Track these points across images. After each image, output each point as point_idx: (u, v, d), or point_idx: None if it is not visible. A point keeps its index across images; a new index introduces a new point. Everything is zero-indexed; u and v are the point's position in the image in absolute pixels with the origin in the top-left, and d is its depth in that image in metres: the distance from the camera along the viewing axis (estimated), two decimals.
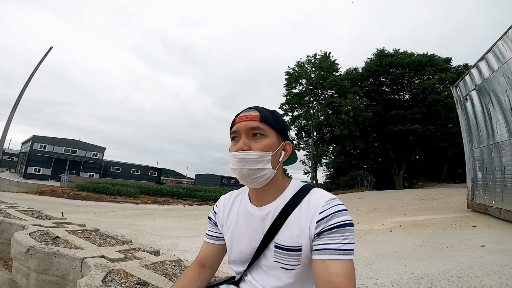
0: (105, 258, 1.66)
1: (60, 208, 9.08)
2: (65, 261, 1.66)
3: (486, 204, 5.66)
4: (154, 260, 1.71)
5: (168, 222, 6.93)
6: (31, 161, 35.95)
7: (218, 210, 0.99)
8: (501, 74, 4.95)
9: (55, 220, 2.91)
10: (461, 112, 6.95)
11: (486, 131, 5.66)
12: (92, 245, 1.97)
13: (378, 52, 29.09)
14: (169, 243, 4.07)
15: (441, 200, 9.78)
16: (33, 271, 1.70)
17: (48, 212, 3.36)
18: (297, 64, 29.85)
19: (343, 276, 0.68)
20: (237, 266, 0.94)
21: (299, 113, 30.50)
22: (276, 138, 0.84)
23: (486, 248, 3.30)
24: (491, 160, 5.48)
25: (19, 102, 16.24)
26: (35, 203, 9.66)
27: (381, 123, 27.34)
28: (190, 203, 15.69)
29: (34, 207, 3.57)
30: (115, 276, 1.36)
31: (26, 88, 16.51)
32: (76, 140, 41.41)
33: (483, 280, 2.28)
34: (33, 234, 2.10)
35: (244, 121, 0.83)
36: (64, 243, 1.99)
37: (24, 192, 16.95)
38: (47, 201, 11.82)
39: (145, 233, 4.87)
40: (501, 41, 4.96)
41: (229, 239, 0.93)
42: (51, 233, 2.21)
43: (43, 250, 1.70)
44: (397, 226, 5.24)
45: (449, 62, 27.84)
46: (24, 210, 3.30)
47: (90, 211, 8.95)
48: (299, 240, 0.78)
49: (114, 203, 13.67)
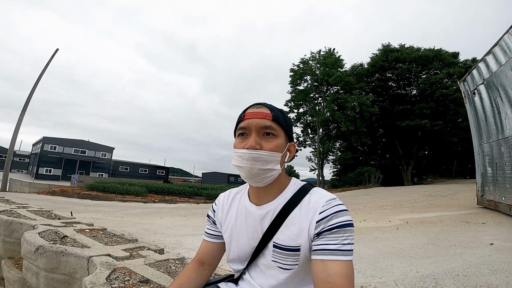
0: (111, 257, 1.70)
1: (70, 207, 9.27)
2: (73, 260, 1.71)
3: (496, 200, 5.54)
4: (158, 258, 1.74)
5: (175, 221, 7.01)
6: (42, 162, 36.81)
7: (217, 208, 0.99)
8: (508, 68, 4.83)
9: (64, 220, 2.98)
10: (470, 107, 6.82)
11: (495, 126, 5.54)
12: (99, 244, 2.02)
13: (383, 48, 28.62)
14: (174, 241, 4.11)
15: (450, 197, 9.61)
16: (42, 270, 1.75)
17: (58, 212, 3.44)
18: (301, 61, 29.64)
19: (342, 277, 0.68)
20: (236, 265, 0.94)
21: (304, 110, 30.32)
22: (284, 138, 0.85)
23: (495, 246, 3.24)
24: (500, 155, 5.37)
25: (28, 104, 16.60)
26: (46, 203, 9.88)
27: (388, 118, 26.96)
28: (197, 202, 15.82)
29: (45, 207, 3.66)
30: (119, 274, 1.39)
31: (34, 90, 16.86)
32: (85, 140, 42.24)
33: (489, 279, 2.24)
34: (43, 234, 2.16)
35: (256, 118, 0.82)
36: (72, 242, 2.05)
37: (36, 192, 17.34)
38: (58, 201, 12.08)
39: (151, 232, 4.94)
40: (507, 35, 4.85)
41: (228, 237, 0.94)
42: (60, 232, 2.27)
43: (51, 249, 1.76)
44: (404, 223, 5.18)
45: (457, 56, 27.24)
46: (34, 210, 3.38)
47: (100, 211, 9.12)
48: (298, 240, 0.79)
49: (123, 202, 13.89)
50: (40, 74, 17.07)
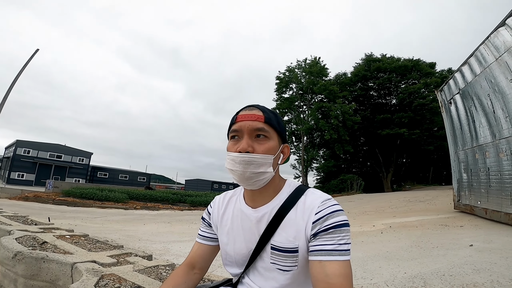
0: (97, 263, 1.62)
1: (45, 213, 8.78)
2: (55, 266, 1.61)
3: (472, 204, 5.81)
4: (148, 264, 1.68)
5: (159, 227, 6.80)
6: (14, 166, 34.77)
7: (213, 211, 0.97)
8: (483, 78, 5.12)
9: (42, 226, 2.82)
10: (446, 116, 7.16)
11: (470, 134, 5.84)
12: (82, 250, 1.92)
13: (366, 57, 29.77)
14: (161, 247, 3.99)
15: (428, 202, 9.99)
16: (21, 277, 1.65)
17: (34, 218, 3.25)
18: (287, 68, 30.17)
19: (340, 277, 0.68)
20: (233, 268, 0.92)
21: (289, 117, 30.72)
22: (277, 140, 0.84)
23: (475, 247, 3.37)
24: (475, 162, 5.66)
25: (2, 107, 15.73)
26: (20, 209, 9.29)
27: (370, 127, 27.86)
28: (180, 208, 15.47)
29: (19, 213, 3.45)
30: (108, 281, 1.33)
31: (9, 92, 16.03)
32: (61, 145, 40.32)
33: (474, 278, 2.32)
34: (20, 239, 2.03)
35: (248, 120, 0.81)
36: (52, 248, 1.93)
37: (8, 198, 16.32)
38: (32, 207, 11.41)
39: (136, 238, 4.77)
40: (483, 46, 5.12)
41: (224, 241, 0.92)
42: (39, 238, 2.14)
43: (31, 255, 1.65)
44: (388, 228, 5.32)
45: (434, 66, 28.78)
46: (8, 215, 3.18)
47: (77, 217, 8.69)
48: (295, 241, 0.78)
49: (102, 208, 13.32)
50: (17, 75, 16.25)
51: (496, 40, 4.71)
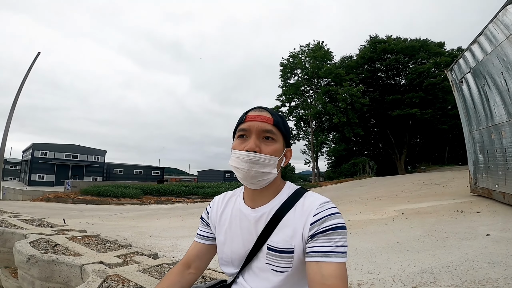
0: (104, 264, 1.68)
1: (65, 213, 9.16)
2: (65, 268, 1.69)
3: (490, 188, 5.57)
4: (152, 263, 1.73)
5: (171, 222, 6.96)
6: (34, 169, 36.20)
7: (211, 211, 0.99)
8: (495, 56, 4.88)
9: (56, 228, 2.94)
10: (458, 95, 6.89)
11: (484, 113, 5.60)
12: (91, 251, 2.00)
13: (371, 39, 28.81)
14: (170, 244, 4.07)
15: (444, 185, 9.70)
16: (37, 279, 1.74)
17: (50, 220, 3.39)
18: (291, 54, 29.60)
19: (336, 278, 0.69)
20: (229, 268, 0.93)
21: (296, 103, 30.39)
22: (282, 143, 0.86)
23: (491, 236, 3.20)
24: (491, 142, 5.43)
25: (14, 110, 16.27)
26: (41, 210, 9.74)
27: (379, 108, 27.23)
28: (193, 201, 15.75)
29: (40, 214, 3.60)
30: (111, 282, 1.37)
31: (19, 96, 16.52)
32: (76, 145, 41.57)
33: (488, 272, 2.19)
34: (34, 243, 2.13)
35: (258, 121, 0.83)
36: (64, 250, 2.02)
37: (30, 199, 17.07)
38: (53, 208, 11.90)
39: (147, 235, 4.89)
40: (492, 24, 4.89)
41: (222, 240, 0.93)
42: (51, 240, 2.24)
43: (43, 259, 1.73)
44: (400, 215, 5.20)
45: (443, 46, 27.70)
46: (25, 219, 3.33)
47: (95, 215, 9.02)
48: (292, 242, 0.79)
49: (119, 205, 13.74)
50: (23, 79, 16.71)
51: (505, 18, 4.52)
